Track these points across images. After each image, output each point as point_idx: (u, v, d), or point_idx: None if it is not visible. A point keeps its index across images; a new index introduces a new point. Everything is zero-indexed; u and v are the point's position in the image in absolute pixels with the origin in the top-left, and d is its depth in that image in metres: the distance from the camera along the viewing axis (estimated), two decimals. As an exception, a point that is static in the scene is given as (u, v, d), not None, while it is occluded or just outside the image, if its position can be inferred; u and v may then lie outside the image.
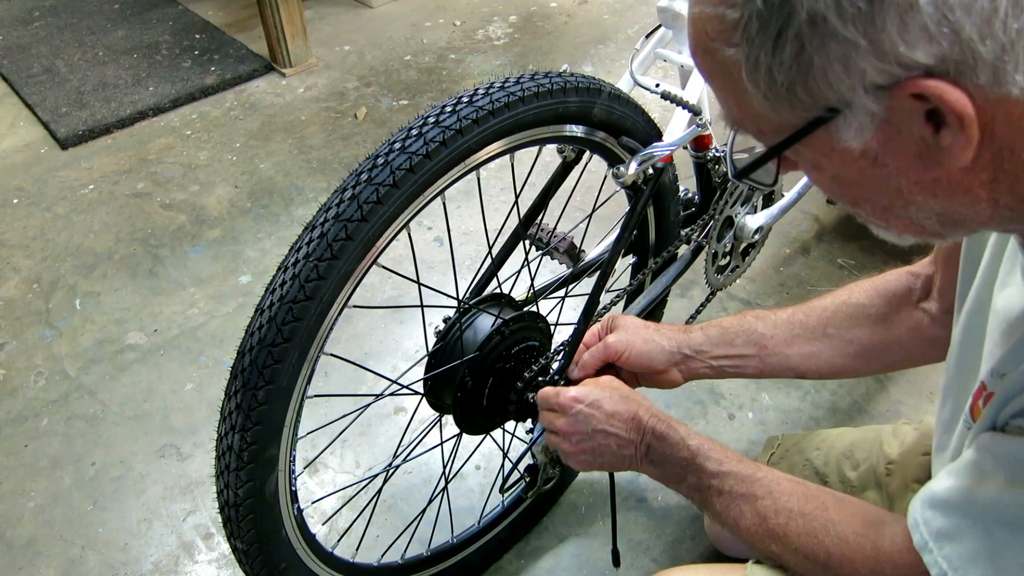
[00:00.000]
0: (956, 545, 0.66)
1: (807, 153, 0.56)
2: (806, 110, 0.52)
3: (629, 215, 1.16)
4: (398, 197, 0.88)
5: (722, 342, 1.07)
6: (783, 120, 0.54)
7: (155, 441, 1.66)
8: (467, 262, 2.02)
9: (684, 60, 1.25)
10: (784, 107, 0.53)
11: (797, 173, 0.64)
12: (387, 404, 1.69)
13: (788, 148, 0.56)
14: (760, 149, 0.60)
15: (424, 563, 1.29)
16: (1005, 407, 0.64)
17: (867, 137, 0.52)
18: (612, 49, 2.97)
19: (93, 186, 2.39)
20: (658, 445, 0.97)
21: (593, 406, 1.00)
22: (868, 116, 0.51)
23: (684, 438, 0.95)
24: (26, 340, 1.90)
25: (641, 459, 0.98)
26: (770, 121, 0.55)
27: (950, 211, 0.56)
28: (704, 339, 1.08)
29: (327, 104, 2.72)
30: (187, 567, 1.45)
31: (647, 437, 0.97)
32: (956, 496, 0.67)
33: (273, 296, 0.87)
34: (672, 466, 0.96)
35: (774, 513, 0.86)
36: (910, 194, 0.55)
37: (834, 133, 0.53)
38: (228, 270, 2.07)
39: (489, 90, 0.94)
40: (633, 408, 0.99)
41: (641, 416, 0.98)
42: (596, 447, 1.00)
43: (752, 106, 0.54)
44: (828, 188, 0.60)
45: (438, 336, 1.11)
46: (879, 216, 0.59)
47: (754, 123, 0.57)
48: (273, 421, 0.90)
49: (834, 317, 1.04)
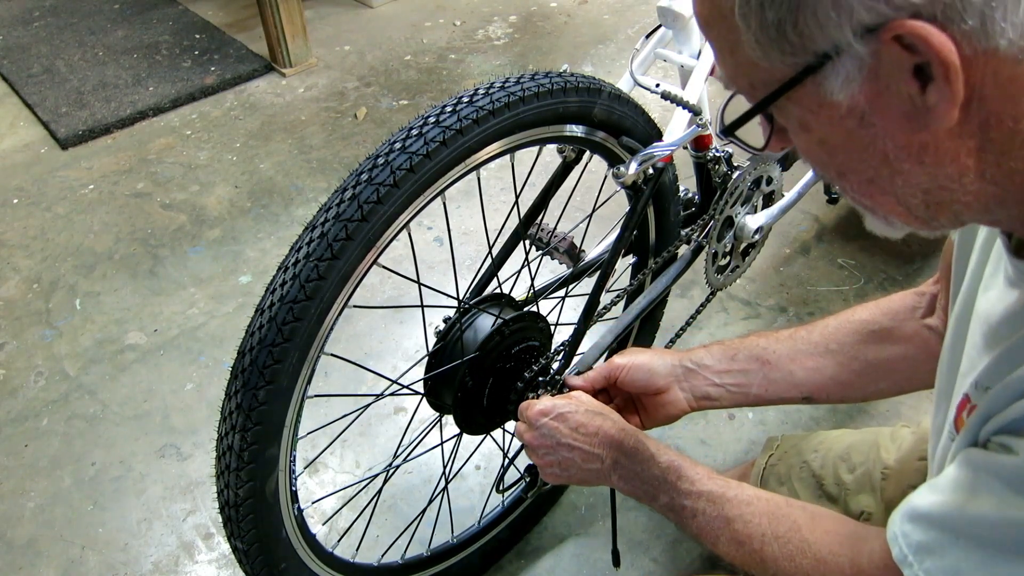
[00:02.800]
0: (937, 559, 0.64)
1: (795, 111, 0.56)
2: (796, 55, 0.52)
3: (629, 215, 1.16)
4: (398, 197, 0.88)
5: (724, 357, 1.06)
6: (773, 70, 0.54)
7: (155, 441, 1.66)
8: (467, 262, 2.02)
9: (684, 60, 1.25)
10: (775, 52, 0.53)
11: (798, 173, 0.63)
12: (387, 404, 1.69)
13: (777, 99, 0.55)
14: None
15: (424, 563, 1.29)
16: (987, 423, 0.63)
17: (855, 90, 0.52)
18: (612, 49, 2.97)
19: (93, 186, 2.39)
20: (626, 461, 0.95)
21: (559, 419, 0.99)
22: (856, 65, 0.51)
23: (655, 455, 0.93)
24: (26, 340, 1.90)
25: (609, 473, 0.97)
26: (761, 71, 0.55)
27: (936, 185, 0.55)
28: (705, 354, 1.07)
29: (327, 104, 2.72)
30: (187, 567, 1.45)
31: (613, 452, 0.96)
32: (938, 511, 0.65)
33: (273, 296, 0.87)
34: (643, 483, 0.94)
35: (748, 538, 0.85)
36: (896, 160, 0.55)
37: (822, 84, 0.53)
38: (228, 270, 2.07)
39: (489, 90, 0.94)
40: (598, 421, 0.97)
41: (607, 429, 0.97)
42: (561, 460, 0.99)
43: (744, 53, 0.55)
44: (816, 155, 0.60)
45: (438, 336, 1.11)
46: (864, 191, 0.59)
47: (746, 77, 0.57)
48: (273, 421, 0.90)
49: (837, 333, 1.03)
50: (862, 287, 1.89)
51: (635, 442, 0.95)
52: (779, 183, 1.43)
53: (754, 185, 1.38)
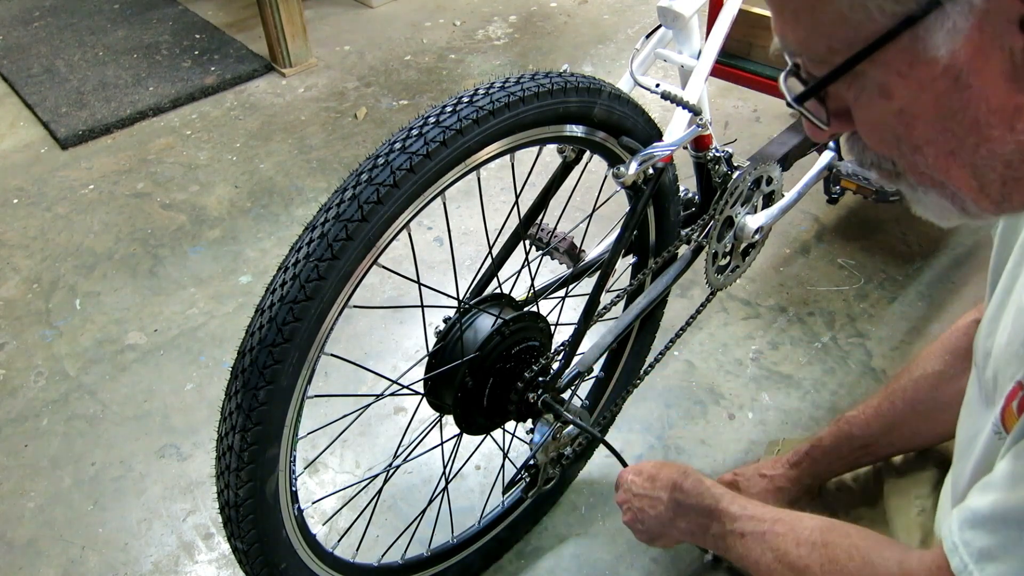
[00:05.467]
0: (999, 564, 0.62)
1: (878, 76, 0.51)
2: (899, 3, 0.47)
3: (629, 215, 1.16)
4: (398, 197, 0.88)
5: (832, 459, 1.14)
6: (866, 23, 0.48)
7: (155, 441, 1.66)
8: (467, 262, 2.02)
9: (684, 60, 1.25)
10: (873, 1, 0.48)
11: (798, 173, 0.62)
12: (387, 404, 1.69)
13: (863, 60, 0.50)
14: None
15: (424, 563, 1.29)
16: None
17: (957, 44, 0.47)
18: (612, 49, 2.97)
19: (93, 186, 2.39)
20: (682, 497, 1.00)
21: (636, 472, 1.08)
22: (964, 13, 0.46)
23: (708, 488, 0.98)
24: (26, 340, 1.90)
25: (672, 517, 1.02)
26: (849, 27, 0.49)
27: (1020, 157, 0.51)
28: (812, 466, 1.15)
29: (327, 104, 2.72)
30: (187, 567, 1.45)
31: (673, 492, 1.01)
32: (1000, 509, 0.63)
33: (273, 296, 0.87)
34: (697, 516, 0.98)
35: (795, 546, 0.86)
36: (987, 126, 0.50)
37: (922, 38, 0.47)
38: (228, 270, 2.07)
39: (489, 90, 0.94)
40: (666, 469, 1.04)
41: (668, 473, 1.03)
42: (636, 511, 1.06)
43: (832, 7, 0.49)
44: (889, 130, 0.54)
45: (438, 336, 1.11)
46: (941, 164, 0.53)
47: (826, 37, 0.51)
48: (273, 421, 0.90)
49: (917, 394, 1.06)
50: (862, 287, 1.89)
51: (693, 481, 1.01)
52: (779, 183, 1.44)
53: (754, 185, 1.38)
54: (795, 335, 1.80)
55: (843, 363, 1.73)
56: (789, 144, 1.47)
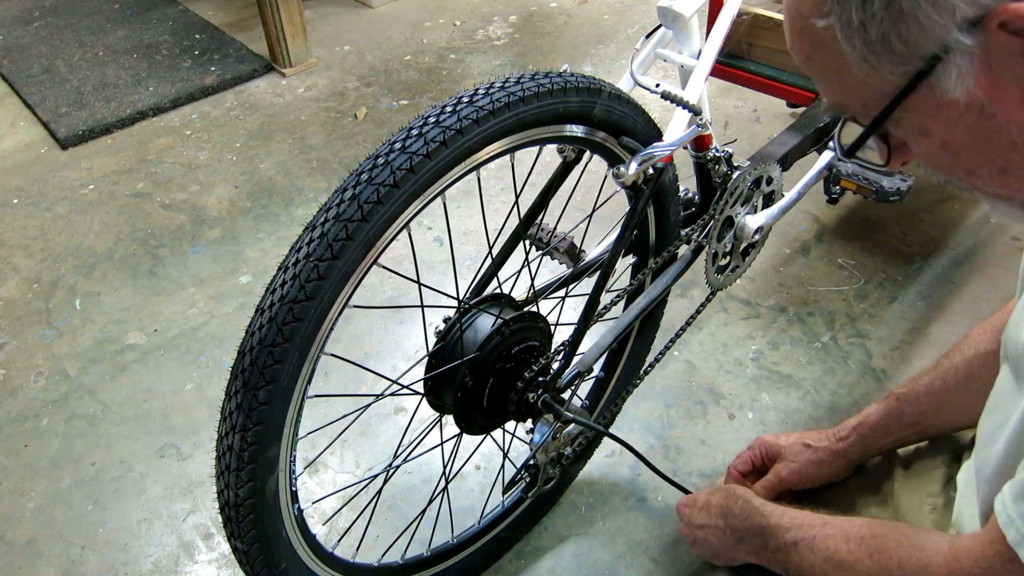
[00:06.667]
0: None
1: (913, 119, 0.57)
2: (905, 64, 0.53)
3: (629, 215, 1.16)
4: (398, 197, 0.88)
5: (880, 435, 1.14)
6: (885, 83, 0.55)
7: (155, 441, 1.66)
8: (467, 262, 2.02)
9: (684, 60, 1.25)
10: (884, 65, 0.54)
11: (798, 173, 0.64)
12: (387, 404, 1.69)
13: (893, 112, 0.56)
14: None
15: (424, 563, 1.29)
16: None
17: (970, 84, 0.53)
18: (612, 49, 2.97)
19: (93, 186, 2.39)
20: (736, 523, 1.03)
21: (689, 503, 1.13)
22: (967, 59, 0.52)
23: (757, 508, 1.01)
24: (26, 340, 1.90)
25: (732, 542, 1.04)
26: (872, 88, 0.56)
27: None
28: (859, 441, 1.14)
29: (327, 104, 2.72)
30: (187, 567, 1.45)
31: (728, 520, 1.04)
32: None
33: (273, 296, 0.87)
34: (753, 537, 1.00)
35: (844, 543, 0.89)
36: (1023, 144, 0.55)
37: (936, 86, 0.53)
38: (228, 270, 2.07)
39: (489, 90, 0.94)
40: (716, 496, 1.08)
41: (720, 500, 1.06)
42: (698, 539, 1.11)
43: (853, 75, 0.56)
44: (941, 160, 0.60)
45: (438, 336, 1.11)
46: (998, 181, 0.59)
47: (858, 97, 0.58)
48: (273, 421, 0.90)
49: (970, 373, 1.06)
50: (862, 287, 1.89)
51: (742, 505, 1.04)
52: (779, 183, 1.43)
53: (754, 185, 1.38)
54: (795, 335, 1.80)
55: (843, 363, 1.73)
56: (789, 144, 1.47)
